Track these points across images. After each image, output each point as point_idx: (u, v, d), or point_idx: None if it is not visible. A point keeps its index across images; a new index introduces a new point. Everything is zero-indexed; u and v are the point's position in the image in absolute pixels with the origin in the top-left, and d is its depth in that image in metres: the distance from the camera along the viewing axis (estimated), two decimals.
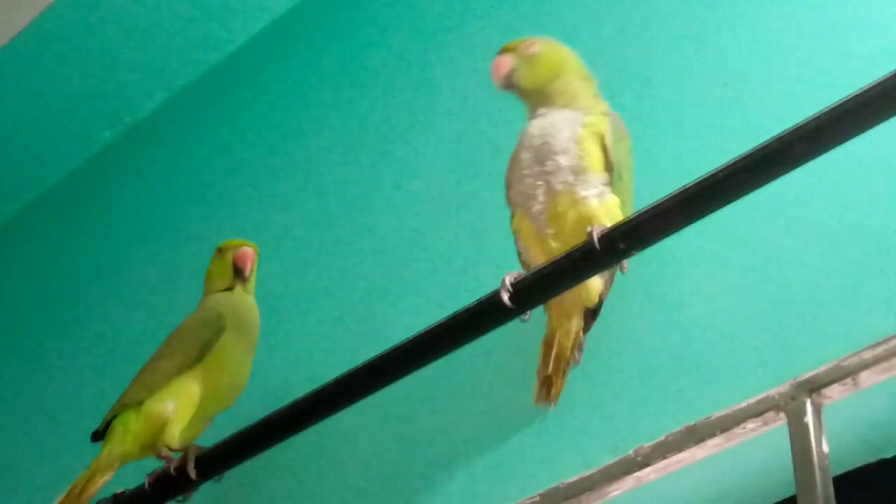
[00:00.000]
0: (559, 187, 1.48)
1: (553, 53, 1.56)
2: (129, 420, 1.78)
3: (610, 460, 1.47)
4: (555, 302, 1.49)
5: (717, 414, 1.40)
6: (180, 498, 1.80)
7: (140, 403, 1.78)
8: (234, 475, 1.74)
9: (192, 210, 2.26)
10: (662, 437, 1.44)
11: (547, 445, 1.54)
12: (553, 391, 1.51)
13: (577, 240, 1.42)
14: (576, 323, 1.51)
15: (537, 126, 1.52)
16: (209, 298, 1.84)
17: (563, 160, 1.48)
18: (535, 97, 1.55)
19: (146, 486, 1.75)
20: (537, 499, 1.52)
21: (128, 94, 2.40)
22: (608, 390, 1.52)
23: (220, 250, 1.86)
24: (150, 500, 1.75)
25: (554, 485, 1.51)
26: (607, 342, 1.53)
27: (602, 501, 1.48)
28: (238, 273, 1.83)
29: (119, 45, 2.32)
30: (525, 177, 1.51)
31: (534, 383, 1.51)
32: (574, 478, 1.49)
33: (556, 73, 1.55)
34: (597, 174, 1.47)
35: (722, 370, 1.43)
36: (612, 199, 1.47)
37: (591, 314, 1.53)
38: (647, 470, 1.45)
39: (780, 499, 1.50)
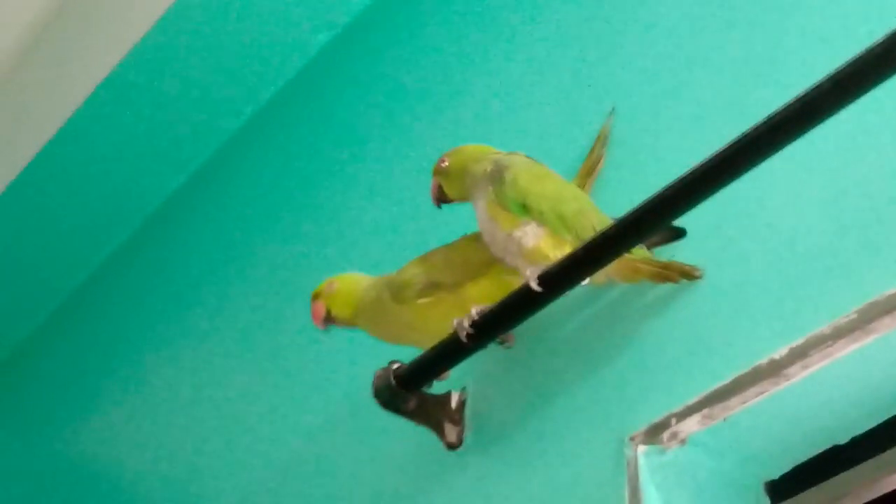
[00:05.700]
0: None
1: (459, 159, 1.67)
2: None
3: None
4: None
5: None
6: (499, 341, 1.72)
7: None
8: None
9: None
10: None
11: (861, 257, 1.39)
12: None
13: None
14: None
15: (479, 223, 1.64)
16: None
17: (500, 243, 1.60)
18: (470, 200, 1.66)
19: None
20: (854, 315, 1.36)
21: None
22: None
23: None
24: None
25: (872, 298, 1.35)
26: None
27: None
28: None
29: None
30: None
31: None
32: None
33: (462, 175, 1.66)
34: (520, 226, 1.57)
35: None
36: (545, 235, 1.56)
37: None
38: None
39: None
